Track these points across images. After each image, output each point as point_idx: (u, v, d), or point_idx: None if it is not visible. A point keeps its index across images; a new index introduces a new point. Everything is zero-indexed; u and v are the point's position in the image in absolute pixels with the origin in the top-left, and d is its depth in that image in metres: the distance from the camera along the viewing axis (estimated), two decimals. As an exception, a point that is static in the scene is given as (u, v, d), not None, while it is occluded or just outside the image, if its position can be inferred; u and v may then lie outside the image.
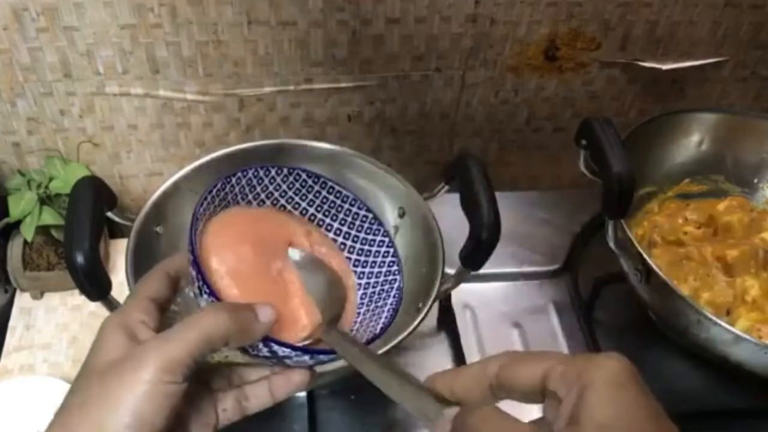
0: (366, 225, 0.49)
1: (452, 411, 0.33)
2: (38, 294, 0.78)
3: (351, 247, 0.49)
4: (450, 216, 0.63)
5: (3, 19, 0.67)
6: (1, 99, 0.73)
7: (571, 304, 0.77)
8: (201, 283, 0.38)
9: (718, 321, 0.59)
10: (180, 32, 0.71)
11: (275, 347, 0.39)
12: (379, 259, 0.49)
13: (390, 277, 0.47)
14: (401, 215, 0.71)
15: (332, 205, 0.48)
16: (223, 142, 0.81)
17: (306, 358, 0.40)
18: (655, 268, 0.62)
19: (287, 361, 0.40)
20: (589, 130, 0.66)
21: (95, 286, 0.55)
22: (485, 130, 0.87)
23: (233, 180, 0.44)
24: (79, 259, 0.53)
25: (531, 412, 0.32)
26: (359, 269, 0.48)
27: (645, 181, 0.76)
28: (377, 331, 0.43)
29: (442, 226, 0.65)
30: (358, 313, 0.46)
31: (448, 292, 0.65)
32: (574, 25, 0.78)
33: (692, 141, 0.78)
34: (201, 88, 0.76)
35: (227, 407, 0.40)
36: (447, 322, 0.74)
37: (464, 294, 0.73)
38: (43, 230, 0.75)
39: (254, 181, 0.46)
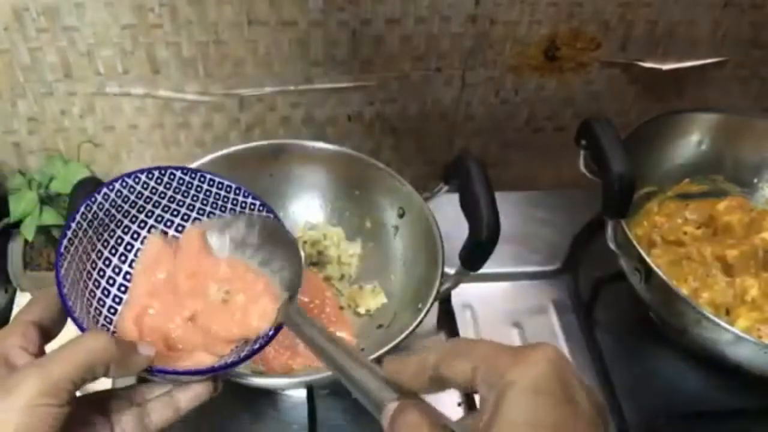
0: (256, 212, 0.48)
1: (392, 406, 0.34)
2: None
3: None
4: (450, 216, 0.63)
5: (3, 19, 0.67)
6: (2, 99, 0.73)
7: (571, 304, 0.77)
8: (72, 319, 0.38)
9: (718, 321, 0.59)
10: (180, 32, 0.71)
11: (164, 376, 0.39)
12: None
13: None
14: (401, 215, 0.71)
15: (218, 197, 0.47)
16: (223, 142, 0.81)
17: (198, 376, 0.40)
18: (654, 268, 0.62)
19: (183, 378, 0.40)
20: (589, 130, 0.66)
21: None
22: (485, 130, 0.87)
23: (99, 198, 0.43)
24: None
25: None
26: None
27: (645, 181, 0.76)
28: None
29: (442, 226, 0.65)
30: None
31: (448, 292, 0.65)
32: (574, 25, 0.78)
33: (692, 141, 0.78)
34: (201, 88, 0.76)
35: (126, 428, 0.39)
36: (447, 322, 0.74)
37: (464, 294, 0.73)
38: (43, 230, 0.75)
39: (125, 192, 0.44)
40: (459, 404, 0.68)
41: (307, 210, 0.76)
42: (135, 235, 0.46)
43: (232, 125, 0.80)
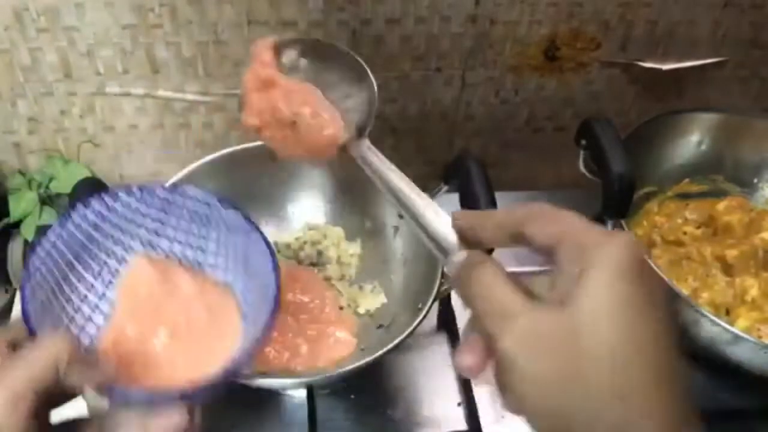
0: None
1: (461, 255, 0.34)
2: (38, 294, 0.78)
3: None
4: (450, 216, 0.63)
5: (4, 20, 0.67)
6: (2, 99, 0.73)
7: (571, 304, 0.77)
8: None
9: (718, 321, 0.59)
10: (180, 32, 0.71)
11: (127, 394, 0.37)
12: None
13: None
14: (401, 215, 0.71)
15: (195, 216, 0.45)
16: (223, 142, 0.81)
17: (170, 399, 0.37)
18: (654, 268, 0.62)
19: (156, 406, 0.37)
20: (589, 130, 0.66)
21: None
22: (485, 130, 0.87)
23: (68, 224, 0.41)
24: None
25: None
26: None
27: (645, 181, 0.76)
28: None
29: (442, 226, 0.65)
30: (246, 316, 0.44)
31: (448, 292, 0.66)
32: (574, 25, 0.78)
33: (692, 141, 0.78)
34: (201, 88, 0.76)
35: None
36: (447, 322, 0.74)
37: (464, 294, 0.73)
38: (43, 230, 0.75)
39: (104, 212, 0.43)
40: (459, 404, 0.68)
41: (307, 210, 0.76)
42: (121, 259, 0.45)
43: (232, 125, 0.80)
